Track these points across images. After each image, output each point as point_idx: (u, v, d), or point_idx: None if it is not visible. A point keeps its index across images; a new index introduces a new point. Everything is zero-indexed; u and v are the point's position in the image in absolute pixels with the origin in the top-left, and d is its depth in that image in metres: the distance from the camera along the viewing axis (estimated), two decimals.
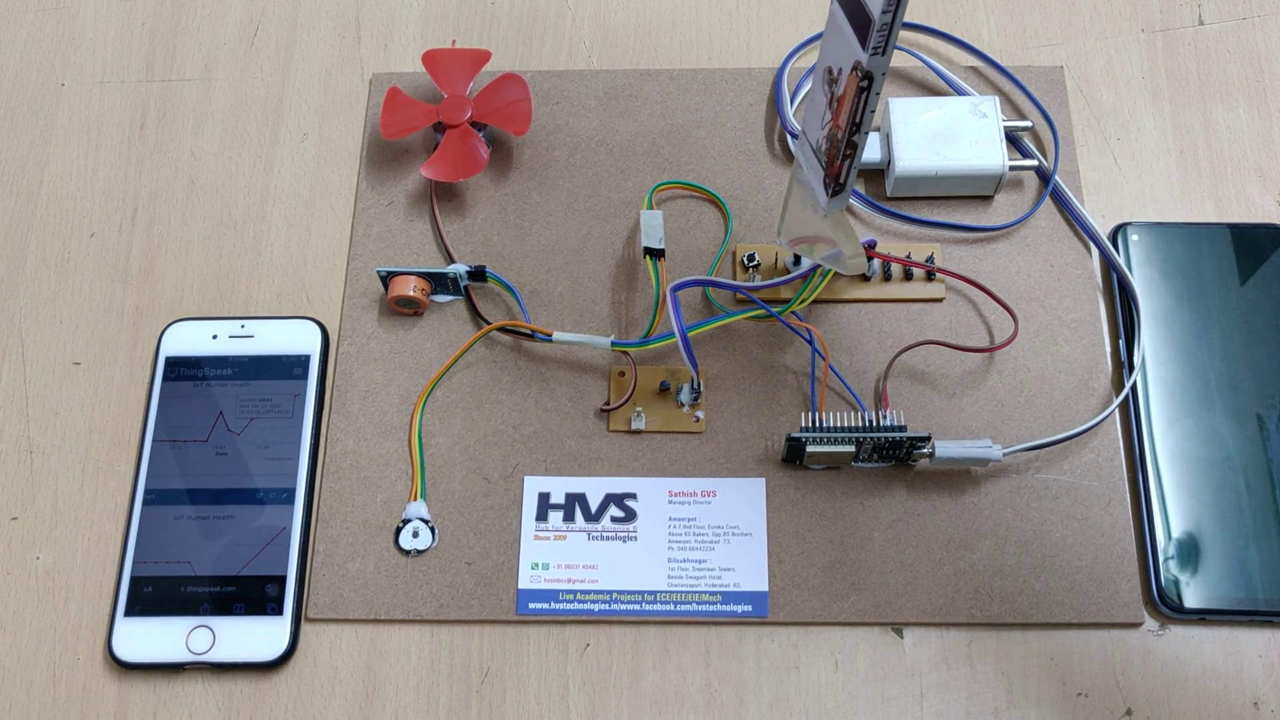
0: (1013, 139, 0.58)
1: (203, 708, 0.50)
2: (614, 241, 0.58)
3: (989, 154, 0.56)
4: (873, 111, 0.42)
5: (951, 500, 0.52)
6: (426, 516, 0.52)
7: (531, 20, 0.64)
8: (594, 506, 0.52)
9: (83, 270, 0.58)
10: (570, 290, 0.57)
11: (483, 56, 0.60)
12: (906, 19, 0.62)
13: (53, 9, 0.65)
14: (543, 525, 0.52)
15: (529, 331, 0.54)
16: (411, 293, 0.55)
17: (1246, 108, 0.60)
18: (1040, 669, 0.50)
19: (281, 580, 0.51)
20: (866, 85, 0.41)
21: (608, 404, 0.54)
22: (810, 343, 0.54)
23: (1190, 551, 0.50)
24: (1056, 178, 0.57)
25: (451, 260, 0.57)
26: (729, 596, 0.51)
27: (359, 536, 0.52)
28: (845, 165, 0.45)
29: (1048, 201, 0.58)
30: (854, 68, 0.41)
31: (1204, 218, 0.57)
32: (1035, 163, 0.57)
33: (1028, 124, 0.58)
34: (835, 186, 0.46)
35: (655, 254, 0.53)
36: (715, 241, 0.58)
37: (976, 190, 0.57)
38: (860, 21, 0.40)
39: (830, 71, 0.43)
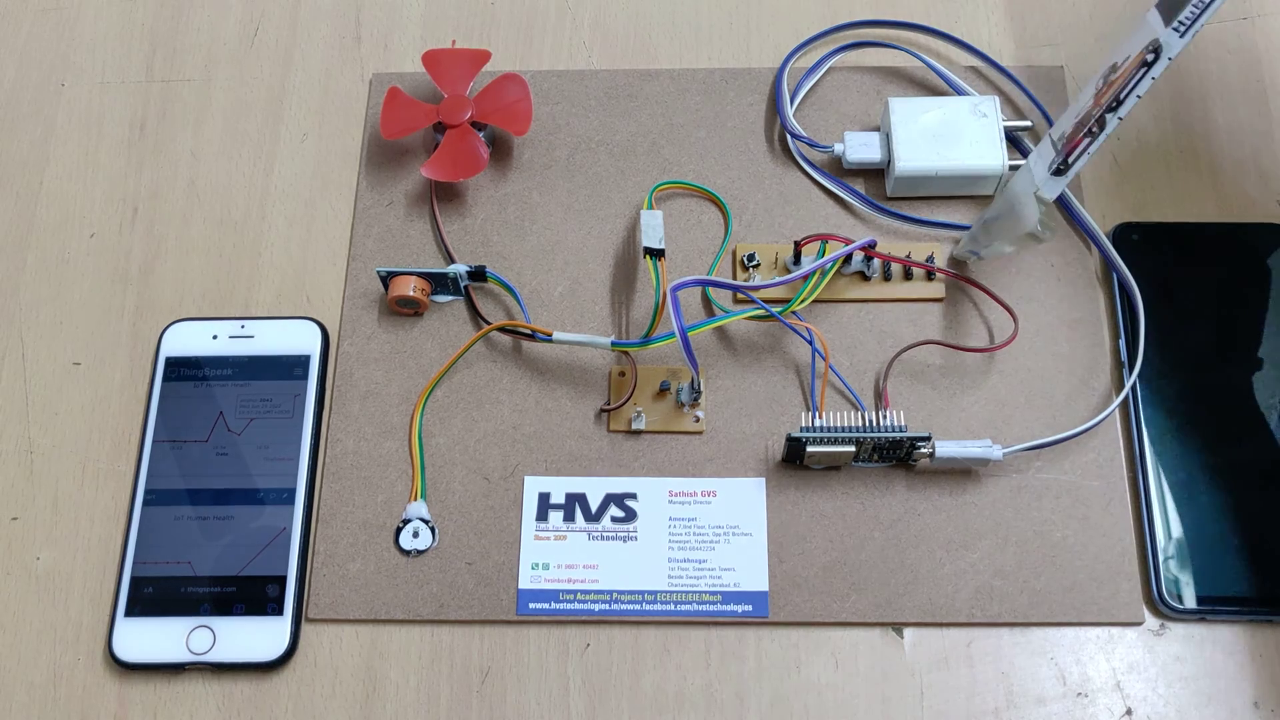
0: (1013, 139, 0.58)
1: (203, 708, 0.50)
2: (614, 241, 0.58)
3: (989, 154, 0.56)
4: (1138, 97, 0.45)
5: (951, 500, 0.52)
6: (426, 516, 0.52)
7: (531, 20, 0.64)
8: (594, 506, 0.52)
9: (83, 270, 0.58)
10: (570, 290, 0.57)
11: (483, 56, 0.60)
12: (906, 19, 0.62)
13: (53, 9, 0.65)
14: (543, 525, 0.52)
15: (529, 331, 0.54)
16: (411, 293, 0.55)
17: (1246, 107, 0.60)
18: (1040, 669, 0.50)
19: (281, 580, 0.51)
20: (1152, 60, 0.44)
21: (608, 404, 0.54)
22: (810, 343, 0.54)
23: (1190, 551, 0.50)
24: None
25: (451, 260, 0.57)
26: (729, 596, 0.51)
27: (359, 536, 0.52)
28: (1084, 143, 0.47)
29: None
30: (1145, 48, 0.44)
31: (1204, 217, 0.57)
32: None
33: (1028, 124, 0.58)
34: (1062, 164, 0.48)
35: (655, 254, 0.53)
36: (715, 241, 0.58)
37: (976, 190, 0.57)
38: (1176, 2, 0.44)
39: (1114, 67, 0.46)
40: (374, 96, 0.62)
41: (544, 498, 0.53)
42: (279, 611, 0.51)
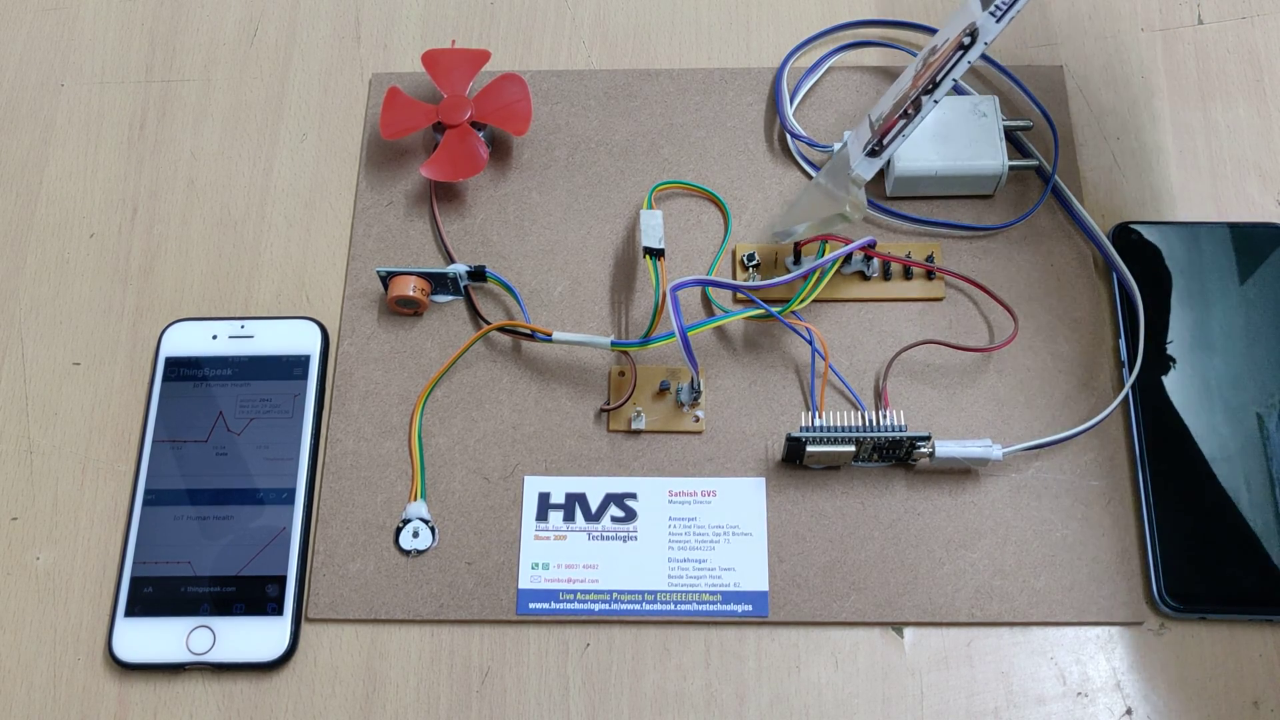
0: (1013, 138, 0.58)
1: (203, 708, 0.50)
2: (614, 241, 0.58)
3: (989, 154, 0.56)
4: (954, 80, 0.45)
5: (951, 500, 0.52)
6: (426, 516, 0.52)
7: (531, 20, 0.64)
8: (594, 506, 0.52)
9: (83, 270, 0.58)
10: (570, 290, 0.57)
11: (482, 56, 0.60)
12: (906, 19, 0.62)
13: (53, 9, 0.65)
14: (543, 525, 0.52)
15: (529, 331, 0.54)
16: (411, 293, 0.55)
17: (1246, 107, 0.60)
18: (1040, 669, 0.50)
19: (281, 580, 0.51)
20: (969, 43, 0.43)
21: (608, 404, 0.54)
22: (810, 342, 0.54)
23: (1190, 550, 0.50)
24: (1056, 177, 0.57)
25: (451, 260, 0.57)
26: (729, 596, 0.51)
27: (359, 536, 0.52)
28: (899, 124, 0.47)
29: (1048, 201, 0.58)
30: (963, 31, 0.44)
31: (1204, 217, 0.57)
32: (1035, 162, 0.57)
33: (1028, 123, 0.58)
34: (877, 146, 0.48)
35: (655, 254, 0.53)
36: (715, 241, 0.58)
37: (976, 190, 0.57)
38: None
39: (934, 50, 0.46)
40: (374, 96, 0.62)
41: (544, 498, 0.53)
42: (279, 611, 0.51)
